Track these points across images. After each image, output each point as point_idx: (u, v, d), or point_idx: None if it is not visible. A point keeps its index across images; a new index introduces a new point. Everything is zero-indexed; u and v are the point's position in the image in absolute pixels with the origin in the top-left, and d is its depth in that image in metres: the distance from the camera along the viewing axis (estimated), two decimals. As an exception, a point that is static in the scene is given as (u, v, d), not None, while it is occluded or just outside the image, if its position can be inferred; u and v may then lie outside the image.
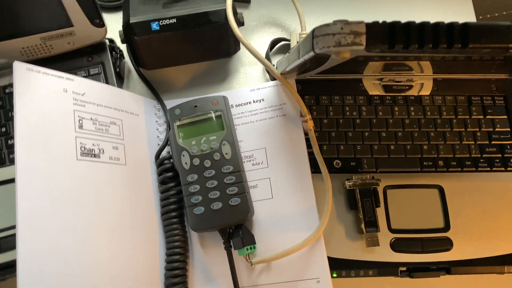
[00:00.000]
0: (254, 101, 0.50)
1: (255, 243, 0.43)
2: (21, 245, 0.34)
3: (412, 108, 0.50)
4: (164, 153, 0.48)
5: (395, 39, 0.26)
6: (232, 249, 0.43)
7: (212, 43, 0.51)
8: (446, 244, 0.45)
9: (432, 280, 0.45)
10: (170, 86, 0.55)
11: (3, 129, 0.47)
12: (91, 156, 0.41)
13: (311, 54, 0.30)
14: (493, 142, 0.49)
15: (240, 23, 0.50)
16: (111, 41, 0.53)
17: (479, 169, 0.48)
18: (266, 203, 0.45)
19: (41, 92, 0.40)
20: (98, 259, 0.38)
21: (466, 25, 0.26)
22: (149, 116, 0.50)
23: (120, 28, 0.49)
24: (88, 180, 0.40)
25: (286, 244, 0.42)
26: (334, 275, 0.43)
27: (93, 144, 0.42)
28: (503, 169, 0.48)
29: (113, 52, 0.53)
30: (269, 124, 0.48)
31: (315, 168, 0.46)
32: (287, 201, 0.45)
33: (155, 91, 0.53)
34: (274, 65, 0.48)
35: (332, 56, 0.29)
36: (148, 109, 0.50)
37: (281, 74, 0.46)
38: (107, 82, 0.50)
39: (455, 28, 0.26)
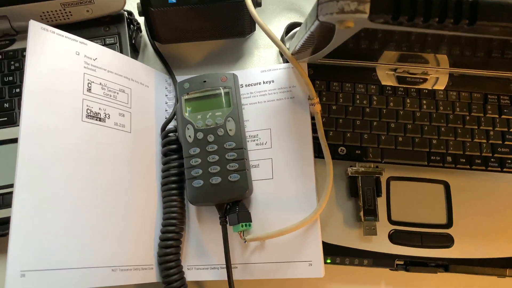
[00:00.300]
0: (264, 82, 0.49)
1: (251, 221, 0.43)
2: (17, 197, 0.35)
3: (424, 102, 0.49)
4: (171, 126, 0.48)
5: (399, 10, 0.26)
6: (228, 226, 0.43)
7: (227, 20, 0.51)
8: (446, 241, 0.43)
9: (429, 276, 0.44)
10: (183, 62, 0.55)
11: (18, 90, 0.49)
12: (96, 120, 0.42)
13: (316, 23, 0.29)
14: (506, 143, 0.47)
15: (257, 3, 0.50)
16: (130, 13, 0.54)
17: (489, 168, 0.46)
18: (266, 183, 0.45)
19: (53, 52, 0.40)
20: (92, 218, 0.39)
21: (476, 0, 0.25)
22: (159, 89, 0.50)
23: (139, 1, 0.49)
24: (90, 142, 0.41)
25: (282, 225, 0.42)
26: (328, 260, 0.42)
27: (99, 108, 0.43)
28: (514, 170, 0.47)
29: (131, 25, 0.54)
30: (276, 105, 0.48)
31: (319, 153, 0.46)
32: (287, 182, 0.44)
33: (167, 64, 0.53)
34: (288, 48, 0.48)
35: (336, 27, 0.29)
36: (159, 82, 0.51)
37: (292, 54, 0.46)
38: (121, 52, 0.51)
39: (464, 2, 0.25)
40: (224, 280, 0.42)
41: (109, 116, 0.43)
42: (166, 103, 0.51)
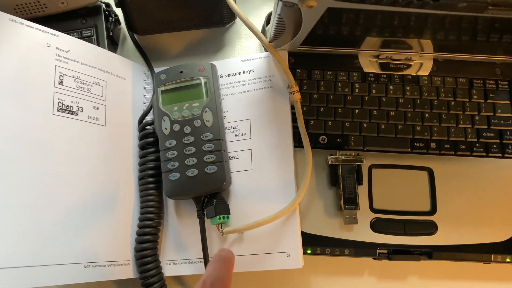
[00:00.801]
0: (244, 72, 0.48)
1: (229, 213, 0.42)
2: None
3: (408, 88, 0.48)
4: (148, 119, 0.47)
5: (362, -15, 0.24)
6: (206, 218, 0.42)
7: (205, 9, 0.50)
8: (430, 228, 0.42)
9: (412, 264, 0.43)
10: (163, 53, 0.55)
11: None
12: (68, 113, 0.41)
13: (280, 4, 0.28)
14: (492, 127, 0.46)
15: (234, -10, 0.49)
16: (107, 5, 0.53)
17: (474, 153, 0.45)
18: (245, 175, 0.44)
19: (23, 43, 0.39)
20: (63, 214, 0.38)
21: (441, -26, 0.24)
22: (137, 81, 0.49)
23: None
24: (62, 135, 0.40)
25: (261, 216, 0.41)
26: (308, 251, 0.41)
27: (71, 101, 0.42)
28: (500, 155, 0.45)
29: (109, 17, 0.53)
30: (256, 95, 0.47)
31: (299, 143, 0.45)
32: (266, 173, 0.43)
33: (145, 55, 0.52)
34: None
35: (300, 7, 0.28)
36: (137, 74, 0.50)
37: (269, 42, 0.45)
38: (98, 45, 0.50)
39: (429, -24, 0.24)
40: (202, 274, 0.41)
41: (82, 110, 0.42)
42: (144, 95, 0.50)
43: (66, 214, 0.38)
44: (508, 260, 0.41)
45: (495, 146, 0.45)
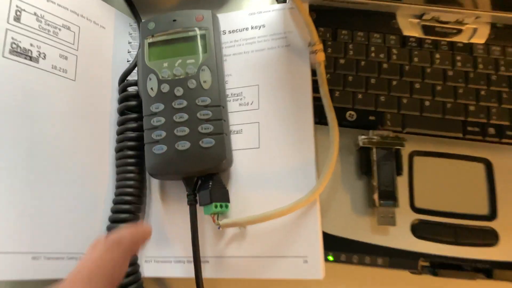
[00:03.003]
0: (252, 27, 0.39)
1: (228, 201, 0.33)
2: None
3: (458, 58, 0.38)
4: (133, 79, 0.38)
5: None
6: (198, 206, 0.33)
7: None
8: (489, 237, 0.33)
9: (464, 283, 0.33)
10: (155, 5, 0.45)
11: None
12: (25, 58, 0.31)
13: None
14: None
15: None
16: None
17: (547, 143, 0.36)
18: (250, 153, 0.35)
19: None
20: (8, 187, 0.28)
21: None
22: (121, 33, 0.40)
23: None
24: (16, 86, 0.31)
25: (269, 207, 0.31)
26: (330, 257, 0.32)
27: (31, 44, 0.32)
28: None
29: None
30: (267, 56, 0.37)
31: (320, 118, 0.36)
32: (277, 153, 0.34)
33: (132, 4, 0.42)
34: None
35: None
36: (120, 25, 0.40)
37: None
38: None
39: None
40: (191, 278, 0.31)
41: (44, 56, 0.33)
42: (129, 51, 0.40)
43: (12, 188, 0.29)
44: None
45: None
